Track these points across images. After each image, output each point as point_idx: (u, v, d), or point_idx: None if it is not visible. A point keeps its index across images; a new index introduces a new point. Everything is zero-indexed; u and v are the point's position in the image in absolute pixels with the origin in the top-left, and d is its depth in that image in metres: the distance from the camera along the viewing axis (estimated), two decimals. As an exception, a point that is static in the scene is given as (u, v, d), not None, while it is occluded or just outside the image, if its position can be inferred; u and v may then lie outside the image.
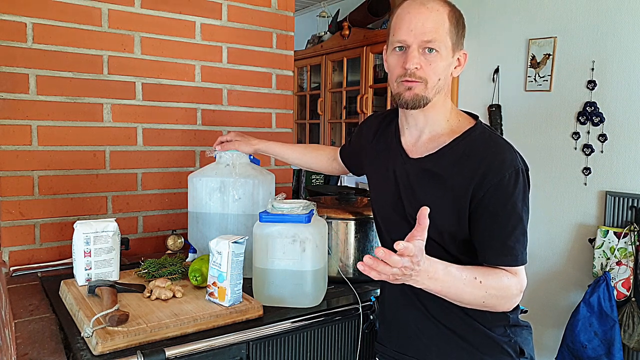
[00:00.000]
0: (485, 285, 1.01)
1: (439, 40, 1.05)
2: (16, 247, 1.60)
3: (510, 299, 1.05)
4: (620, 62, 2.49)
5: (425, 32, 1.05)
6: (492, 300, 1.03)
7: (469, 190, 1.05)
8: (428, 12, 1.05)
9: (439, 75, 1.08)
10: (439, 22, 1.05)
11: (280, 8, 2.08)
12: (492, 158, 1.05)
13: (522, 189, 1.05)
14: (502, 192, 1.03)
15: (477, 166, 1.05)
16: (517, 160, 1.06)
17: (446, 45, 1.07)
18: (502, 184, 1.03)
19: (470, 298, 1.02)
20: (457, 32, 1.09)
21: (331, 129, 3.95)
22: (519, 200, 1.04)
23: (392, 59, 1.10)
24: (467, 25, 1.14)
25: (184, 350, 1.09)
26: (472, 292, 1.01)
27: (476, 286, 1.00)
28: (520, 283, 1.05)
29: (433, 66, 1.06)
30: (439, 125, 1.14)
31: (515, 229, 1.04)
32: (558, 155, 2.75)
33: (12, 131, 1.57)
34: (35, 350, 1.05)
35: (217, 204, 1.54)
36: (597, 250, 2.49)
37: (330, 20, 3.96)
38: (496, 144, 1.08)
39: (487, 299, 1.02)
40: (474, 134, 1.11)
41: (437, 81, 1.08)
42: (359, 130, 1.42)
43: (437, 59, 1.06)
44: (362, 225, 1.52)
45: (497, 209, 1.04)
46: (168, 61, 1.83)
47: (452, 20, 1.07)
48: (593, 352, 2.37)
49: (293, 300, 1.31)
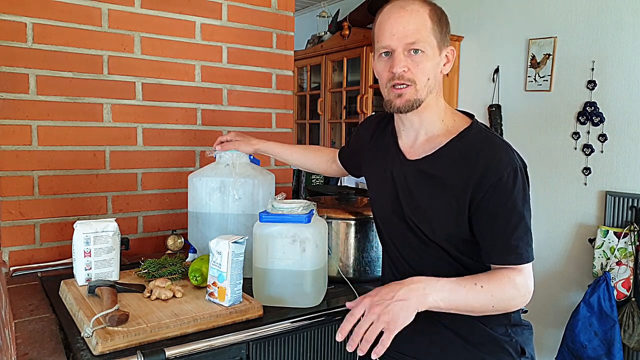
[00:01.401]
0: (487, 289, 1.00)
1: (423, 41, 1.06)
2: (16, 247, 1.60)
3: (519, 297, 1.05)
4: (620, 62, 2.49)
5: (408, 35, 1.05)
6: (502, 303, 1.02)
7: (467, 191, 1.05)
8: (409, 15, 1.06)
9: (428, 75, 1.08)
10: (420, 23, 1.06)
11: (280, 8, 2.08)
12: (490, 158, 1.05)
13: (521, 186, 1.05)
14: (502, 192, 1.03)
15: (475, 166, 1.05)
16: (514, 159, 1.06)
17: (431, 45, 1.07)
18: (500, 183, 1.03)
19: (478, 306, 1.01)
20: (440, 29, 1.08)
21: (331, 129, 3.95)
22: (519, 198, 1.04)
23: (379, 65, 1.11)
24: (467, 25, 1.14)
25: (184, 350, 1.09)
26: (477, 298, 1.00)
27: (479, 292, 1.00)
28: (526, 280, 1.05)
29: (420, 67, 1.07)
30: (434, 125, 1.14)
31: (517, 227, 1.04)
32: (558, 155, 2.75)
33: (12, 131, 1.57)
34: (35, 350, 1.05)
35: (217, 204, 1.54)
36: (597, 250, 2.49)
37: (330, 20, 3.96)
38: (493, 144, 1.08)
39: (495, 302, 1.01)
40: (470, 133, 1.11)
41: (426, 81, 1.08)
42: (356, 133, 1.42)
43: (424, 59, 1.07)
44: (362, 225, 1.52)
45: (498, 208, 1.04)
46: (168, 61, 1.83)
47: (434, 19, 1.07)
48: (593, 352, 2.37)
49: (293, 300, 1.31)
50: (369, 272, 1.53)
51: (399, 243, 1.18)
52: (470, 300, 0.99)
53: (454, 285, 0.99)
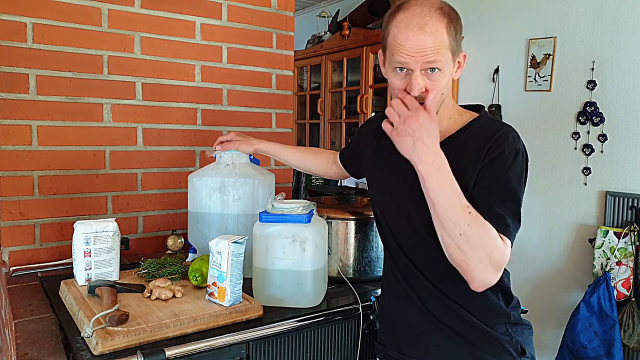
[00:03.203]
0: (472, 217, 0.97)
1: (441, 60, 1.03)
2: (16, 247, 1.60)
3: (488, 259, 0.98)
4: (620, 62, 2.49)
5: (427, 54, 1.02)
6: (470, 242, 0.96)
7: (472, 176, 1.04)
8: (427, 36, 1.01)
9: (442, 90, 1.07)
10: (438, 42, 1.02)
11: (280, 8, 2.08)
12: (495, 138, 1.05)
13: (520, 168, 1.05)
14: (499, 165, 1.03)
15: (481, 149, 1.05)
16: (519, 143, 1.06)
17: (447, 59, 1.05)
18: (501, 157, 1.03)
19: (452, 217, 0.97)
20: (456, 39, 1.06)
21: (331, 129, 3.95)
22: (515, 176, 1.04)
23: (395, 79, 1.07)
24: (467, 25, 1.14)
25: (184, 350, 1.09)
26: (456, 214, 0.96)
27: (464, 211, 0.97)
28: (504, 250, 0.99)
29: (437, 85, 1.05)
30: (441, 124, 1.13)
31: (507, 200, 1.02)
32: (558, 155, 2.75)
33: (12, 131, 1.57)
34: (35, 350, 1.05)
35: (217, 204, 1.54)
36: (597, 250, 2.49)
37: (330, 20, 3.96)
38: (500, 127, 1.09)
39: (466, 234, 0.96)
40: (479, 122, 1.12)
41: (440, 96, 1.08)
42: (358, 134, 1.42)
43: (440, 76, 1.05)
44: (362, 225, 1.52)
45: (492, 180, 1.04)
46: (168, 61, 1.83)
47: (450, 32, 1.04)
48: (593, 352, 2.37)
49: (293, 300, 1.31)
50: (369, 272, 1.53)
51: (402, 241, 1.18)
52: (449, 208, 0.97)
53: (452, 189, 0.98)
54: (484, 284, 1.01)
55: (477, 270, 0.98)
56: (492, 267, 0.99)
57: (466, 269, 0.99)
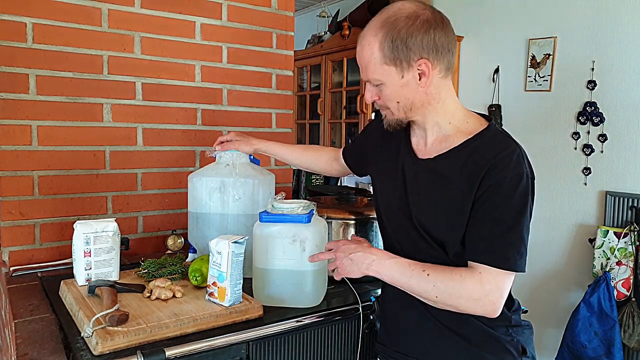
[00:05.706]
0: (432, 278, 1.04)
1: (375, 74, 1.07)
2: (16, 247, 1.60)
3: (469, 299, 1.01)
4: (620, 62, 2.50)
5: (362, 70, 1.10)
6: (444, 296, 1.03)
7: (472, 192, 1.03)
8: (362, 50, 1.08)
9: (395, 100, 1.09)
10: (368, 58, 1.06)
11: (280, 8, 2.08)
12: (498, 159, 1.02)
13: (523, 194, 1.02)
14: (501, 194, 1.01)
15: (482, 167, 1.03)
16: (523, 166, 1.03)
17: (386, 73, 1.06)
18: (502, 185, 1.01)
19: (419, 289, 1.06)
20: (396, 51, 1.03)
21: (331, 129, 3.95)
22: (517, 204, 1.01)
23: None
24: (467, 25, 1.14)
25: (184, 350, 1.09)
26: (420, 284, 1.05)
27: (423, 278, 1.05)
28: (484, 286, 1.01)
29: (384, 95, 1.10)
30: (441, 127, 1.13)
31: (508, 232, 1.01)
32: (558, 155, 2.75)
33: (12, 131, 1.57)
34: (35, 350, 1.05)
35: (217, 204, 1.54)
36: (597, 250, 2.49)
37: (330, 20, 3.96)
38: (505, 146, 1.05)
39: (438, 293, 1.03)
40: (487, 135, 1.08)
41: (397, 104, 1.10)
42: (365, 131, 1.41)
43: (384, 88, 1.08)
44: (362, 225, 1.52)
45: (492, 209, 1.02)
46: (168, 61, 1.83)
47: (383, 47, 1.03)
48: (593, 352, 2.37)
49: (293, 300, 1.31)
50: (369, 272, 1.53)
51: (402, 241, 1.18)
52: (413, 284, 1.06)
53: (402, 268, 1.08)
54: (492, 314, 1.04)
55: (474, 310, 1.05)
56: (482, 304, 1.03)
57: (466, 312, 1.06)
